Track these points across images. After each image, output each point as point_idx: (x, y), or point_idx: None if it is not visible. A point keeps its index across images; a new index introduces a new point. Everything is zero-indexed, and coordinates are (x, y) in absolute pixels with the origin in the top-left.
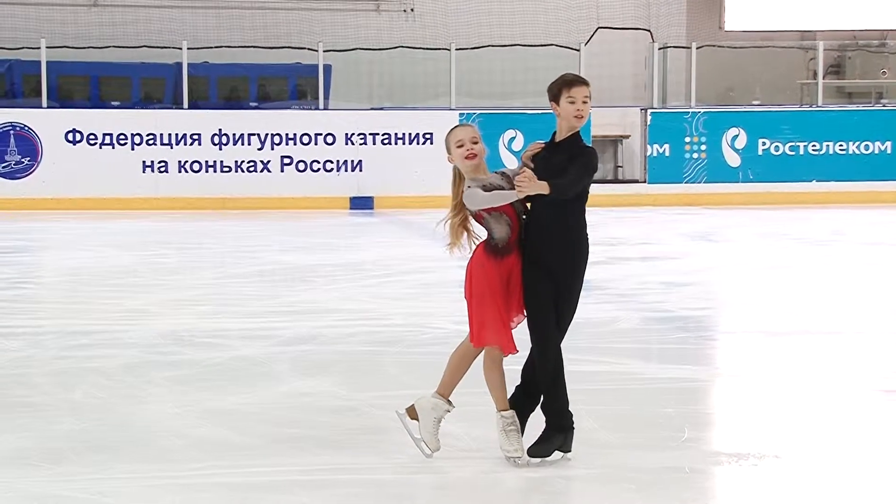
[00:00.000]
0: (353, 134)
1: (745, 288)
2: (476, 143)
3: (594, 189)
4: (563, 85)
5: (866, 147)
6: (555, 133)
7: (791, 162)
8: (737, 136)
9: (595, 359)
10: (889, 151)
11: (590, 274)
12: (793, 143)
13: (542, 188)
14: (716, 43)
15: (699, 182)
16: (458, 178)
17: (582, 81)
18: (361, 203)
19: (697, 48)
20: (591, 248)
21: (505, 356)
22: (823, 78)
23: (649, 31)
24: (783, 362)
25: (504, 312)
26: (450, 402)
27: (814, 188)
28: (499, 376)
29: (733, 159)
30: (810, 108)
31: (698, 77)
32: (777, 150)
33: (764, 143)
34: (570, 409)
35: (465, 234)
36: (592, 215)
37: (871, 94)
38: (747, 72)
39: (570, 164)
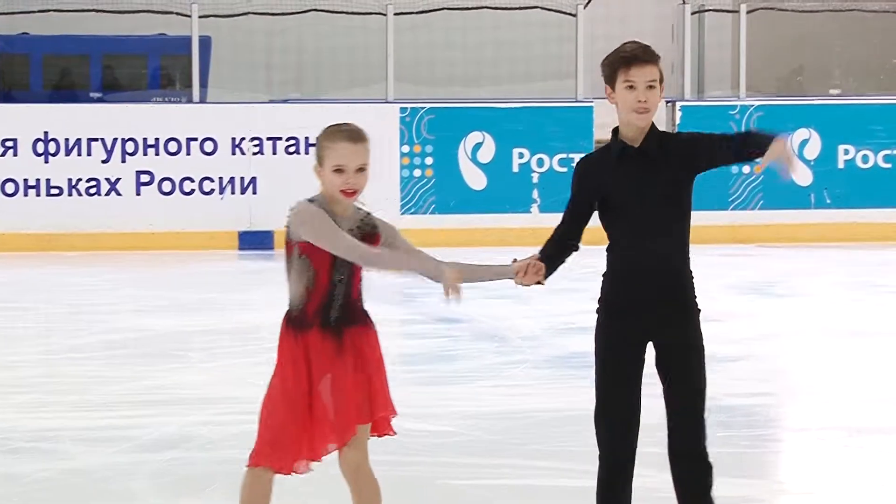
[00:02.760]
0: (242, 139)
1: (820, 365)
2: (363, 170)
3: (597, 222)
4: (619, 63)
5: None
6: (612, 134)
7: (887, 179)
8: (807, 140)
9: None
10: None
11: (588, 343)
12: (889, 152)
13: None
14: (776, 4)
15: (753, 209)
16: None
17: (646, 57)
18: (255, 240)
19: (749, 12)
20: (594, 306)
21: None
22: None
23: None
24: (875, 474)
25: (292, 414)
26: None
27: None
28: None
29: (802, 175)
30: None
31: (750, 55)
32: (866, 162)
33: (847, 152)
34: None
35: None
36: (597, 257)
37: None
38: (822, 48)
39: (697, 143)
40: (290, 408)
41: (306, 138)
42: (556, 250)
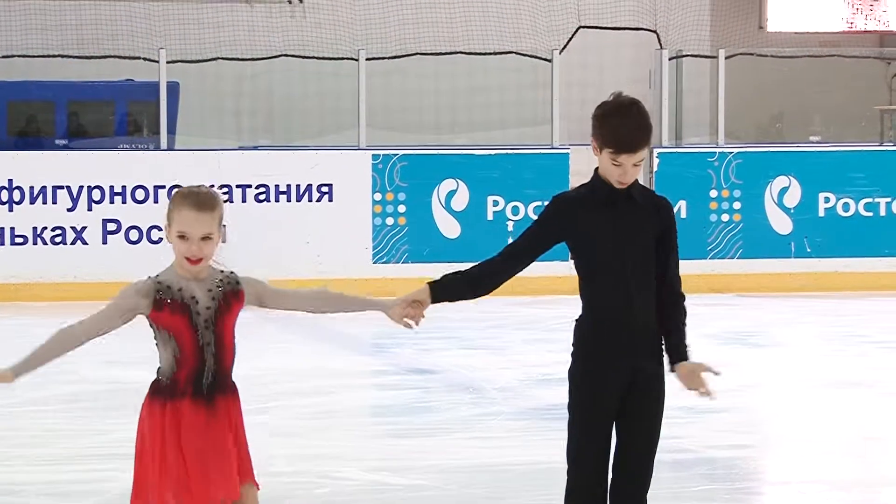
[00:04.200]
0: (211, 186)
1: (801, 416)
2: (209, 238)
3: (572, 271)
4: (611, 144)
5: None
6: (594, 177)
7: (868, 227)
8: (787, 188)
9: None
10: None
11: (567, 396)
12: (870, 200)
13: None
14: (755, 50)
15: (732, 257)
16: None
17: (638, 145)
18: None
19: (728, 58)
20: (569, 357)
21: None
22: None
23: (656, 32)
24: None
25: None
26: None
27: None
28: None
29: (782, 223)
30: (895, 147)
31: (730, 101)
32: (847, 210)
33: (828, 200)
34: None
35: None
36: (571, 307)
37: None
38: (801, 93)
39: (670, 236)
40: (159, 483)
41: (276, 186)
42: (466, 284)
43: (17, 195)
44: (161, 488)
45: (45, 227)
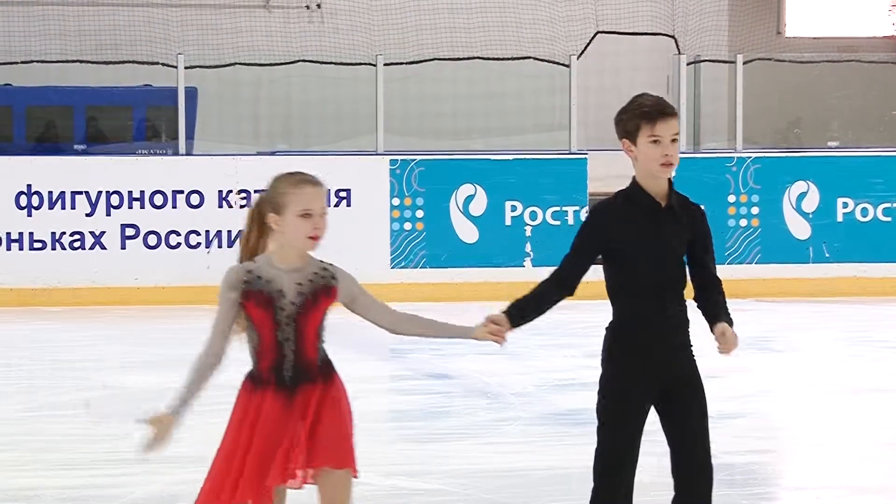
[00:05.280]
0: (229, 191)
1: (819, 422)
2: (325, 215)
3: (589, 276)
4: (643, 118)
5: None
6: (632, 185)
7: (887, 232)
8: (805, 193)
9: None
10: None
11: (585, 402)
12: (888, 205)
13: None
14: (773, 55)
15: (750, 262)
16: (257, 234)
17: (670, 111)
18: None
19: (746, 63)
20: (586, 363)
21: None
22: None
23: (673, 37)
24: None
25: (226, 464)
26: None
27: None
28: None
29: (800, 228)
30: None
31: (748, 106)
32: (866, 216)
33: (846, 205)
34: None
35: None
36: (587, 312)
37: None
38: (819, 99)
39: (705, 241)
40: (227, 459)
41: None
42: (535, 305)
43: (35, 200)
44: (225, 472)
45: (64, 233)
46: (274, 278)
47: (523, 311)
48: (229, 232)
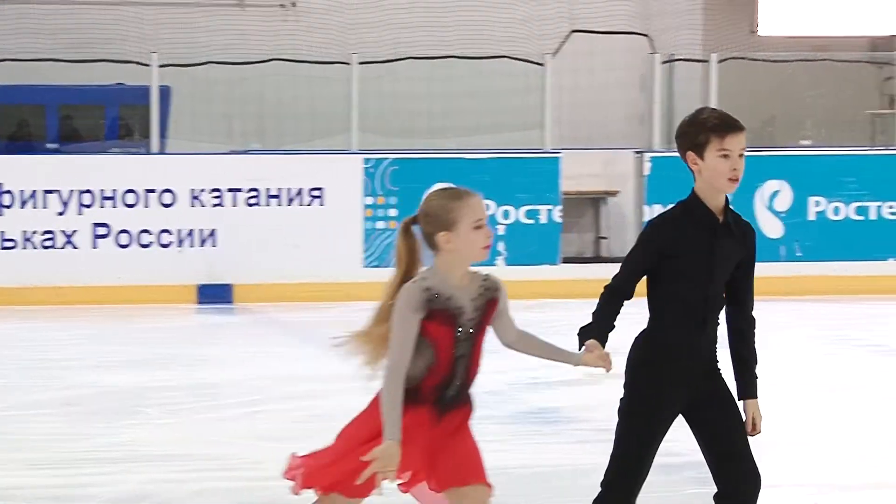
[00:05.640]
0: (202, 190)
1: (791, 420)
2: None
3: (567, 272)
4: (713, 131)
5: None
6: (692, 198)
7: (859, 231)
8: (778, 192)
9: None
10: None
11: (557, 400)
12: (861, 204)
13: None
14: (747, 54)
15: None
16: (409, 262)
17: (739, 125)
18: (215, 294)
19: (720, 62)
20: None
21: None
22: None
23: (648, 36)
24: None
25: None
26: None
27: (894, 270)
28: None
29: (772, 227)
30: (887, 151)
31: (722, 104)
32: (838, 214)
33: (818, 204)
34: None
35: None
36: (562, 310)
37: None
38: (793, 97)
39: (752, 261)
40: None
41: (267, 190)
42: (610, 322)
43: (6, 199)
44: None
45: (36, 232)
46: (452, 295)
47: (604, 333)
48: (201, 231)
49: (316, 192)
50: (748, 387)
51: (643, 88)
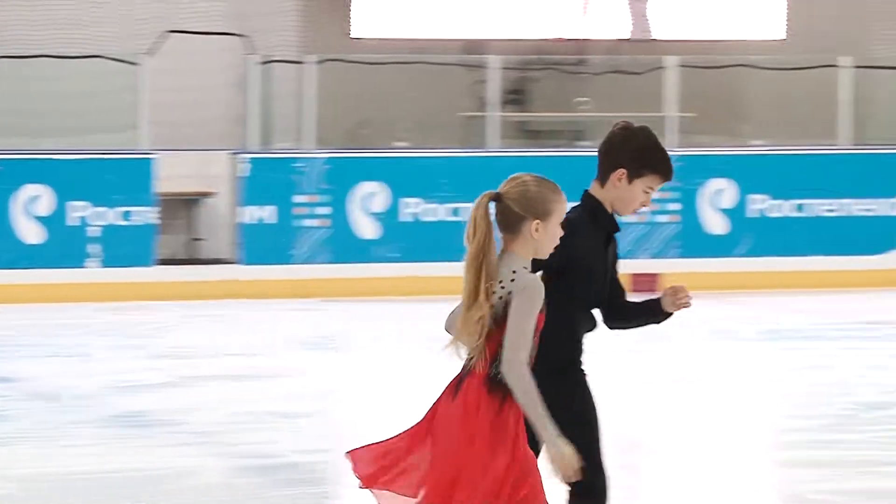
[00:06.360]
0: None
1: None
2: None
3: (161, 274)
4: (660, 173)
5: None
6: (600, 211)
7: (445, 233)
8: (374, 194)
9: None
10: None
11: (145, 403)
12: (455, 205)
13: None
14: (342, 56)
15: (314, 262)
16: (486, 239)
17: (672, 170)
18: None
19: (319, 63)
20: (151, 364)
21: None
22: (499, 109)
23: (244, 36)
24: None
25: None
26: None
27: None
28: None
29: (364, 227)
30: (479, 153)
31: (321, 106)
32: (429, 215)
33: (407, 205)
34: None
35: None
36: (156, 311)
37: (562, 132)
38: (388, 99)
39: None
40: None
41: None
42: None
43: None
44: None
45: None
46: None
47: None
48: None
49: None
50: (652, 300)
51: (241, 89)
